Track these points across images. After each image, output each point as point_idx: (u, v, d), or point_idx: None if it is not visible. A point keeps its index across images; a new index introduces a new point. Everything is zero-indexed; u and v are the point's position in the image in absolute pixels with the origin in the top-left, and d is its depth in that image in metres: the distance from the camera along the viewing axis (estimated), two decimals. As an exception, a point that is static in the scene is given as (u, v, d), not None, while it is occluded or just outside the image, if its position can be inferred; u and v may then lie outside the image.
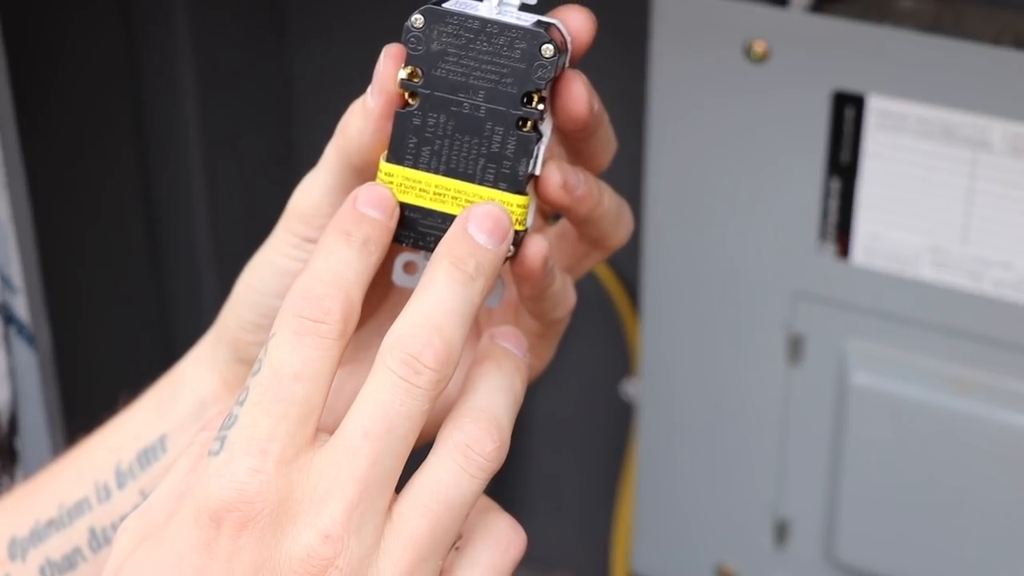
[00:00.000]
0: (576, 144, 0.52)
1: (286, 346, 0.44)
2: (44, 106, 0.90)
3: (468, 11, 0.48)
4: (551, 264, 0.51)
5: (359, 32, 0.98)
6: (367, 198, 0.48)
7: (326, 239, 0.47)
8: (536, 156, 0.48)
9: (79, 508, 0.57)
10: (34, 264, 0.75)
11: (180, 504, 0.44)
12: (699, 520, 0.88)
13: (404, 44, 0.48)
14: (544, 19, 0.49)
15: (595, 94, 0.50)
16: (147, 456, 0.57)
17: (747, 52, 0.76)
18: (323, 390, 0.44)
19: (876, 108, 0.74)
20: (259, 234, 0.55)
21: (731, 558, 0.88)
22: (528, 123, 0.48)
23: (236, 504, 0.42)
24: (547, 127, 0.49)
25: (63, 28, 0.91)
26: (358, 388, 0.45)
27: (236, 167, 1.02)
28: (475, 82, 0.48)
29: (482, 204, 0.48)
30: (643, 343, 0.86)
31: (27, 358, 0.76)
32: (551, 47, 0.47)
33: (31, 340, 0.76)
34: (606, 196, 0.52)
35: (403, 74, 0.48)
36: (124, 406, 0.59)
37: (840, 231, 0.78)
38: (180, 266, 1.03)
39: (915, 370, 0.78)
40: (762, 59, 0.76)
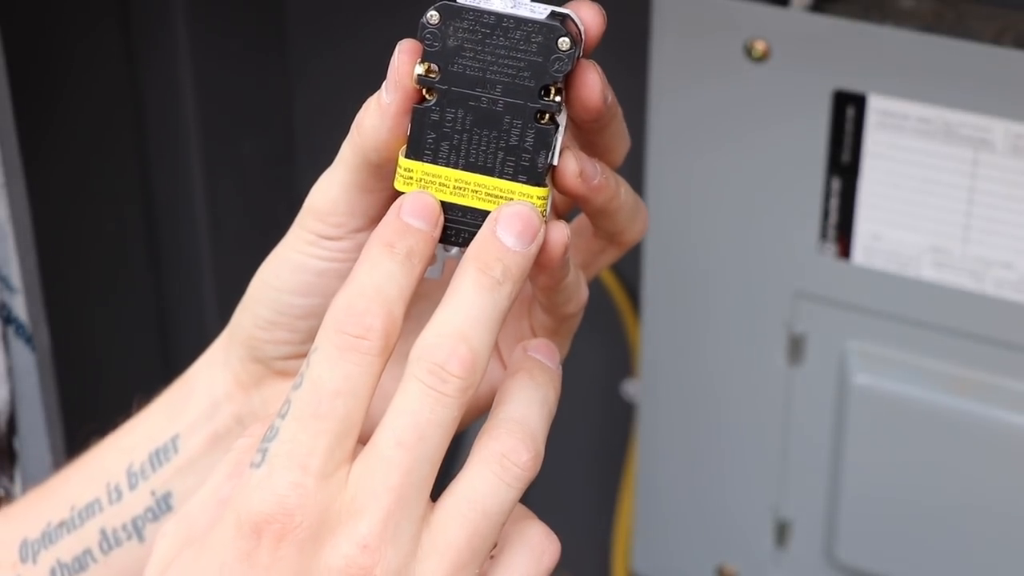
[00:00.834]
0: (590, 137, 0.52)
1: (328, 362, 0.45)
2: (43, 106, 0.90)
3: (483, 6, 0.48)
4: (568, 254, 0.51)
5: (359, 34, 0.98)
6: (412, 208, 0.48)
7: (370, 251, 0.47)
8: (554, 148, 0.49)
9: (90, 509, 0.57)
10: (33, 264, 0.75)
11: (220, 511, 0.45)
12: (699, 520, 0.88)
13: (420, 40, 0.48)
14: (558, 10, 0.49)
15: (609, 85, 0.50)
16: (159, 456, 0.57)
17: (747, 52, 0.76)
18: (363, 405, 0.45)
19: (877, 108, 0.74)
20: (258, 235, 0.55)
21: (731, 558, 0.88)
22: (546, 116, 0.48)
23: (276, 516, 0.43)
24: (563, 119, 0.49)
25: (63, 29, 0.91)
26: (390, 388, 0.46)
27: (236, 168, 1.02)
28: (492, 76, 0.48)
29: (511, 205, 0.48)
30: (643, 343, 0.86)
31: (26, 358, 0.76)
32: (567, 40, 0.48)
33: (30, 340, 0.76)
34: (623, 189, 0.53)
35: (420, 70, 0.48)
36: (137, 410, 0.59)
37: (841, 231, 0.77)
38: (179, 267, 1.03)
39: (915, 370, 0.78)
40: (762, 59, 0.76)
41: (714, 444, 0.86)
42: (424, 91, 0.49)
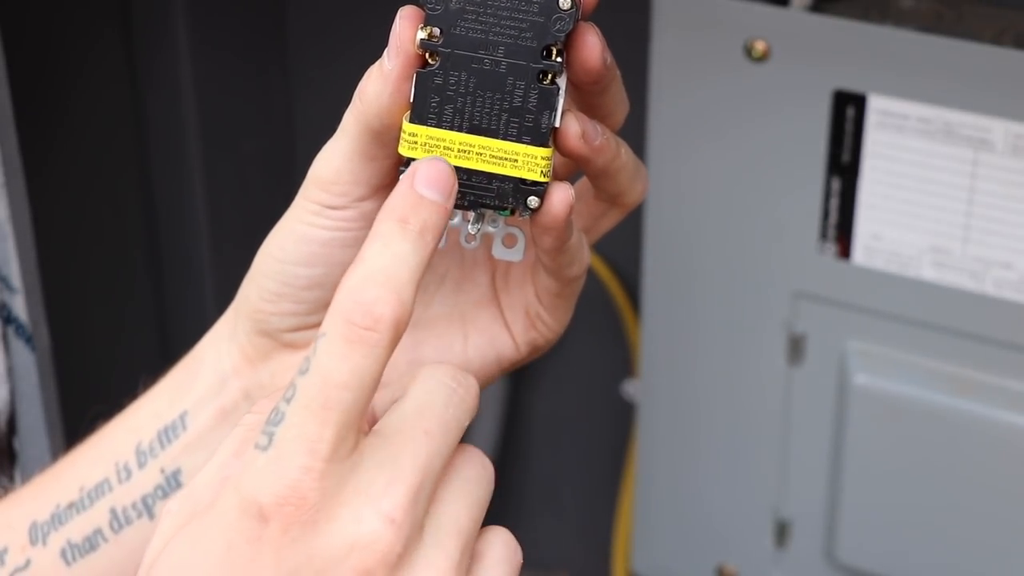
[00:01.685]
0: (591, 100, 0.52)
1: (336, 353, 0.44)
2: (43, 106, 0.90)
3: None
4: (571, 215, 0.51)
5: (358, 34, 0.98)
6: (427, 178, 0.47)
7: (381, 227, 0.46)
8: (556, 108, 0.49)
9: (99, 489, 0.57)
10: (33, 264, 0.75)
11: (224, 489, 0.44)
12: (699, 520, 0.88)
13: (422, 5, 0.49)
14: None
15: (607, 47, 0.50)
16: (167, 434, 0.57)
17: (747, 51, 0.76)
18: (370, 393, 0.45)
19: (877, 108, 0.74)
20: (258, 235, 0.55)
21: (731, 558, 0.88)
22: (548, 76, 0.49)
23: (288, 499, 0.43)
24: (563, 81, 0.50)
25: (63, 28, 0.91)
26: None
27: (236, 168, 1.02)
28: (495, 38, 0.49)
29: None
30: (643, 343, 0.86)
31: (26, 358, 0.76)
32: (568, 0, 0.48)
33: (30, 340, 0.76)
34: (623, 150, 0.53)
35: (422, 34, 0.49)
36: (144, 390, 0.59)
37: (841, 231, 0.77)
38: (179, 266, 1.03)
39: (915, 370, 0.78)
40: (762, 59, 0.76)
41: (714, 444, 0.86)
42: (427, 55, 0.49)
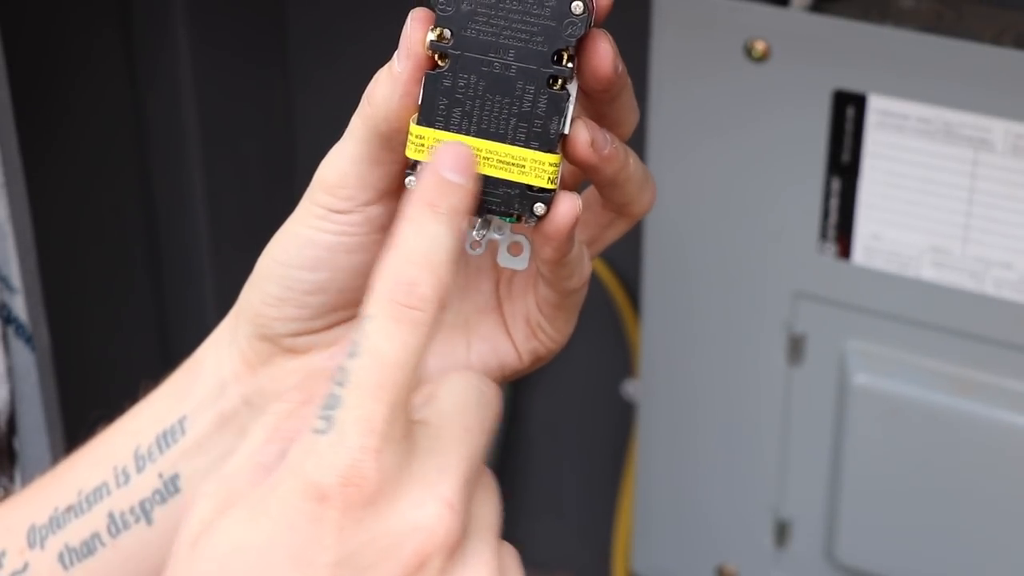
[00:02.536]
0: (601, 108, 0.52)
1: (384, 332, 0.45)
2: (43, 106, 0.90)
3: None
4: (576, 226, 0.51)
5: (359, 35, 0.98)
6: (450, 162, 0.47)
7: (413, 211, 0.46)
8: (566, 115, 0.49)
9: (98, 493, 0.57)
10: (33, 264, 0.75)
11: (260, 474, 0.45)
12: (699, 520, 0.88)
13: (433, 7, 0.48)
14: None
15: (619, 54, 0.50)
16: (166, 438, 0.57)
17: (747, 51, 0.76)
18: (417, 371, 0.45)
19: (877, 108, 0.74)
20: (258, 235, 0.55)
21: (731, 558, 0.88)
22: (559, 81, 0.49)
23: (350, 479, 0.43)
24: (573, 87, 0.49)
25: (62, 28, 0.91)
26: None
27: (236, 169, 1.02)
28: (505, 41, 0.48)
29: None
30: (643, 343, 0.86)
31: (26, 358, 0.76)
32: (581, 4, 0.48)
33: (30, 340, 0.76)
34: (632, 159, 0.53)
35: (432, 36, 0.48)
36: (144, 394, 0.58)
37: (841, 231, 0.77)
38: (179, 267, 1.03)
39: (915, 370, 0.78)
40: (762, 59, 0.76)
41: (714, 444, 0.86)
42: (436, 58, 0.49)
